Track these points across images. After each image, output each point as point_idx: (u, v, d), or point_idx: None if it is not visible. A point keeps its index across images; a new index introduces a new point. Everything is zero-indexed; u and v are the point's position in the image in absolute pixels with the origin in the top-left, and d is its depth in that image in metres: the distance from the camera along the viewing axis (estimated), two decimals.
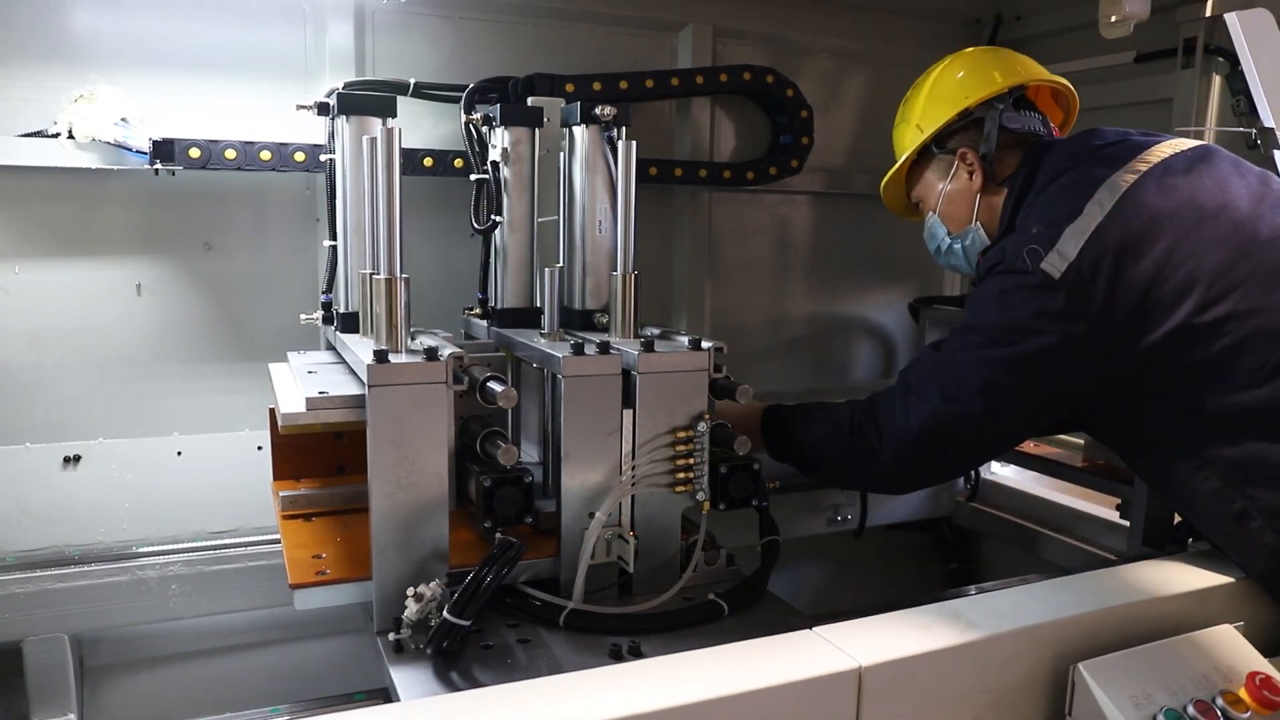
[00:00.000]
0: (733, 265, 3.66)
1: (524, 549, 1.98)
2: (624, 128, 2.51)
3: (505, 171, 2.63)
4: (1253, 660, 1.98)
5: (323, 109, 2.63)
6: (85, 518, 2.86)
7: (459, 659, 1.93)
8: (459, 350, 2.07)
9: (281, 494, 2.48)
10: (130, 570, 2.83)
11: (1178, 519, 2.73)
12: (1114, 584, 2.11)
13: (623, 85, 3.13)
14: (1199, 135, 3.23)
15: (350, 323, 2.49)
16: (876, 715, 1.73)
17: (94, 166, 2.63)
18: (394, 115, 2.46)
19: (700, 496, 2.19)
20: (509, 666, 1.92)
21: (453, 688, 1.83)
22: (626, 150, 2.31)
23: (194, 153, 2.67)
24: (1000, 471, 3.96)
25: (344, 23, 2.93)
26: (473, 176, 2.72)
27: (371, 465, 1.97)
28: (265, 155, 2.76)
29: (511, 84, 2.93)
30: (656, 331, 2.46)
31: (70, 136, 2.59)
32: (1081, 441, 3.42)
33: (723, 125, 3.56)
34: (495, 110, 2.64)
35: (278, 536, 2.98)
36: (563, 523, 2.16)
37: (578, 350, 2.12)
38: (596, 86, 3.05)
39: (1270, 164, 2.84)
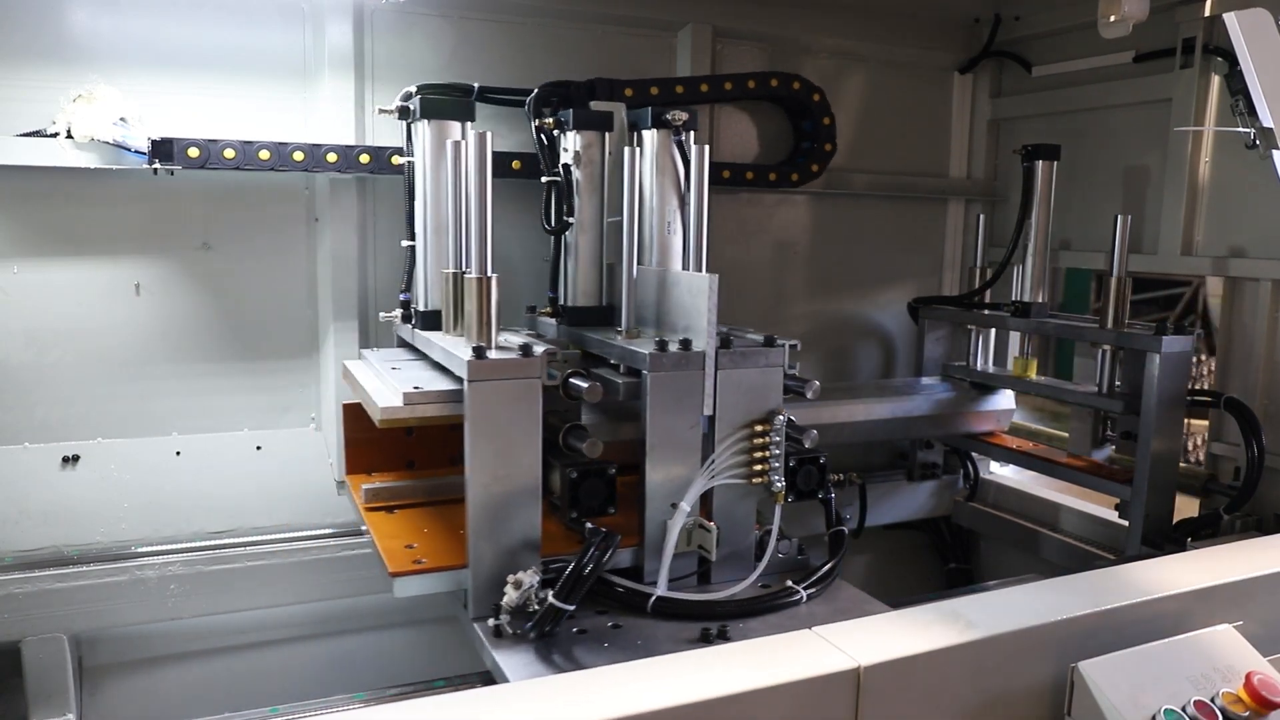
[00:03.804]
0: (732, 265, 3.66)
1: (619, 538, 2.06)
2: (693, 131, 2.59)
3: (576, 173, 2.69)
4: (1252, 660, 1.97)
5: (403, 113, 2.69)
6: (84, 518, 2.86)
7: (555, 643, 2.02)
8: (551, 347, 2.15)
9: (364, 487, 2.54)
10: (129, 570, 2.83)
11: (1177, 519, 2.73)
12: (1113, 584, 2.10)
13: (654, 91, 3.15)
14: (1198, 135, 3.23)
15: (430, 320, 2.54)
16: (875, 715, 1.73)
17: (93, 166, 2.63)
18: (473, 119, 2.53)
19: (777, 487, 2.27)
20: (605, 650, 2.01)
21: (557, 669, 1.91)
22: (699, 154, 2.39)
23: (193, 152, 2.67)
24: (1000, 471, 3.96)
25: (343, 22, 2.93)
26: (544, 179, 2.75)
27: (469, 457, 2.04)
28: (264, 155, 2.76)
29: (574, 88, 2.97)
30: (724, 329, 2.50)
31: (69, 136, 2.59)
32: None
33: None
34: (567, 115, 2.69)
35: (276, 536, 3.01)
36: (646, 513, 2.23)
37: (661, 348, 2.19)
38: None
39: (1269, 164, 2.84)
